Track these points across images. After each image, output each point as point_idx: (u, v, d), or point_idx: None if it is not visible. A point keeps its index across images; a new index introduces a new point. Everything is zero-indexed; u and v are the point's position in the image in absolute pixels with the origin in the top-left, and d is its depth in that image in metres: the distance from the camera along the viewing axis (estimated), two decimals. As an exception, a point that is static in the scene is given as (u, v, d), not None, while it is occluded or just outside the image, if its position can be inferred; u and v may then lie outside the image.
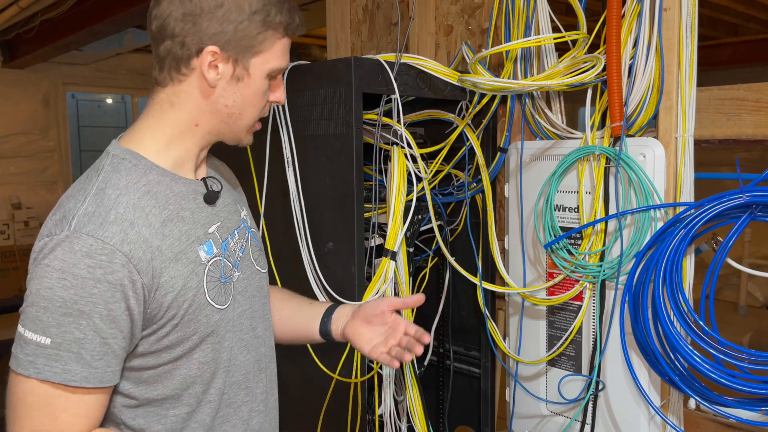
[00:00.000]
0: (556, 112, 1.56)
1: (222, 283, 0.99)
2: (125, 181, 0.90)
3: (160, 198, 0.92)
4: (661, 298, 1.27)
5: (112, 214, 0.86)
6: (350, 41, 2.09)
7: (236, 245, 1.05)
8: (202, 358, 0.97)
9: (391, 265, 1.44)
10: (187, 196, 0.97)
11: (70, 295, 0.82)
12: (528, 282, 1.59)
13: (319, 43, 5.58)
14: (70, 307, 0.82)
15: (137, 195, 0.90)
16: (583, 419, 1.48)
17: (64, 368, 0.82)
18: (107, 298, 0.83)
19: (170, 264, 0.90)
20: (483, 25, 1.71)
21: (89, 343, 0.83)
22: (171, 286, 0.89)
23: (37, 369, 0.82)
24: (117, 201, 0.88)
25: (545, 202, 1.49)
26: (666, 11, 1.31)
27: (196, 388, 0.97)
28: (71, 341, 0.82)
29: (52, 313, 0.82)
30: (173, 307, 0.90)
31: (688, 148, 1.32)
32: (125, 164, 0.92)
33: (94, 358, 0.84)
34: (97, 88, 6.71)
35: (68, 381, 0.83)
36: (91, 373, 0.84)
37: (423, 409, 1.57)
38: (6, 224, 5.75)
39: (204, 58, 0.91)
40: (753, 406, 1.20)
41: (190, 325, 0.93)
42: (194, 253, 0.94)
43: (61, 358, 0.82)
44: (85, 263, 0.82)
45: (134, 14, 3.86)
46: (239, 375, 1.04)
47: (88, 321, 0.83)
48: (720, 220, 1.23)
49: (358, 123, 1.37)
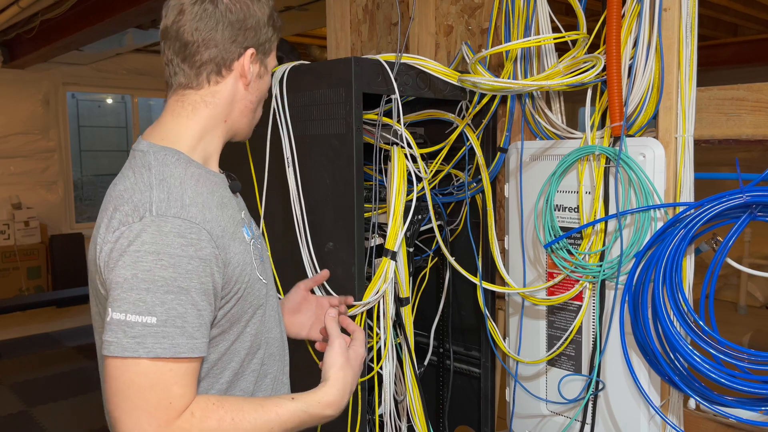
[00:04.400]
0: (556, 112, 1.56)
1: (261, 261, 1.12)
2: (178, 172, 0.99)
3: (208, 186, 1.03)
4: (661, 298, 1.27)
5: (186, 198, 0.95)
6: (350, 41, 2.09)
7: (256, 230, 1.19)
8: (253, 330, 1.08)
9: (391, 264, 1.44)
10: (221, 185, 1.08)
11: (170, 273, 0.89)
12: (528, 282, 1.60)
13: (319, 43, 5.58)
14: (171, 284, 0.89)
15: (193, 183, 0.99)
16: (583, 419, 1.48)
17: (172, 343, 0.88)
18: (200, 272, 0.91)
19: (232, 242, 1.00)
20: (483, 25, 1.71)
21: (190, 316, 0.90)
22: (237, 262, 1.00)
23: (146, 348, 0.87)
24: (182, 188, 0.96)
25: (545, 202, 1.49)
26: (666, 11, 1.31)
27: (245, 357, 1.08)
28: (175, 317, 0.89)
29: (155, 293, 0.88)
30: (239, 281, 1.01)
31: (687, 148, 1.32)
32: (170, 158, 1.00)
33: (195, 330, 0.91)
34: (97, 88, 6.72)
35: (178, 354, 0.88)
36: (194, 344, 0.91)
37: (423, 409, 1.57)
38: (6, 224, 5.76)
39: (245, 60, 1.06)
40: (753, 406, 1.20)
41: (248, 299, 1.04)
42: (241, 234, 1.06)
43: (168, 334, 0.88)
44: (178, 242, 0.90)
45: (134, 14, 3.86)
46: (274, 347, 1.16)
47: (187, 296, 0.90)
48: (720, 220, 1.23)
49: (358, 123, 1.37)
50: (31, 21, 4.52)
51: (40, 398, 3.86)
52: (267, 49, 1.10)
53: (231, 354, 1.05)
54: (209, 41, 1.03)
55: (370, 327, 1.48)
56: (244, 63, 1.06)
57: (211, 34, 1.03)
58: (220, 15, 1.03)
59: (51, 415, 3.62)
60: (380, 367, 1.49)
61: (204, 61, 1.04)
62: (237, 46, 1.05)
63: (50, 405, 3.76)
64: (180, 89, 1.06)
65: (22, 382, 4.16)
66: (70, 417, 3.60)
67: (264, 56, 1.10)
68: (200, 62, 1.04)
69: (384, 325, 1.47)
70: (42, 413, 3.64)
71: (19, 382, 4.15)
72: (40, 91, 6.03)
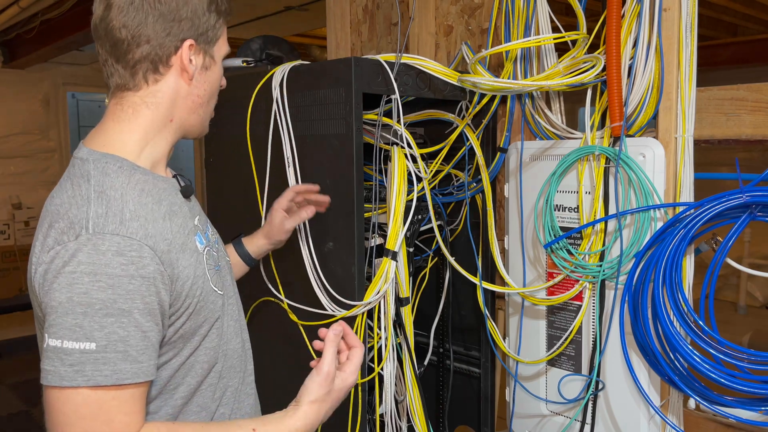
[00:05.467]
0: (556, 112, 1.56)
1: (216, 270, 1.05)
2: (119, 182, 0.91)
3: (154, 195, 0.95)
4: (660, 298, 1.27)
5: (126, 212, 0.88)
6: (350, 41, 2.09)
7: (213, 235, 1.12)
8: (209, 344, 1.02)
9: (392, 265, 1.44)
10: (170, 191, 1.01)
11: (108, 295, 0.82)
12: (528, 282, 1.60)
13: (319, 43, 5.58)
14: (110, 306, 0.82)
15: (136, 193, 0.92)
16: (583, 419, 1.48)
17: (113, 369, 0.82)
18: (143, 292, 0.85)
19: (180, 255, 0.93)
20: (483, 25, 1.71)
21: (133, 339, 0.84)
22: (186, 276, 0.93)
23: (86, 377, 0.81)
24: (123, 201, 0.89)
25: (545, 202, 1.49)
26: (666, 11, 1.31)
27: (201, 371, 1.01)
28: (117, 341, 0.83)
29: (92, 317, 0.82)
30: (190, 296, 0.94)
31: (687, 148, 1.32)
32: (111, 167, 0.93)
33: (140, 353, 0.85)
34: (97, 88, 6.71)
35: (120, 381, 0.83)
36: (139, 368, 0.85)
37: (423, 409, 1.57)
38: (6, 224, 5.75)
39: (184, 53, 0.97)
40: (753, 406, 1.20)
41: (201, 312, 0.98)
42: (193, 243, 0.99)
43: (109, 360, 0.82)
44: (117, 261, 0.83)
45: (134, 14, 3.85)
46: (233, 359, 1.10)
47: (129, 318, 0.84)
48: (720, 220, 1.23)
49: (358, 123, 1.37)
50: (31, 21, 4.51)
51: (40, 398, 3.84)
52: (211, 38, 1.00)
53: (185, 370, 0.98)
54: (140, 37, 0.94)
55: (371, 327, 1.48)
56: (183, 56, 0.97)
57: (141, 29, 0.93)
58: (149, 7, 0.93)
59: (51, 415, 3.62)
60: (381, 368, 1.49)
61: (137, 60, 0.95)
62: (172, 39, 0.96)
63: (50, 405, 3.76)
64: (118, 91, 0.98)
65: (22, 382, 4.16)
66: (70, 417, 3.60)
67: (208, 45, 1.01)
68: (134, 61, 0.95)
69: (384, 325, 1.47)
70: (42, 413, 3.64)
71: (19, 382, 4.15)
72: (40, 91, 6.02)
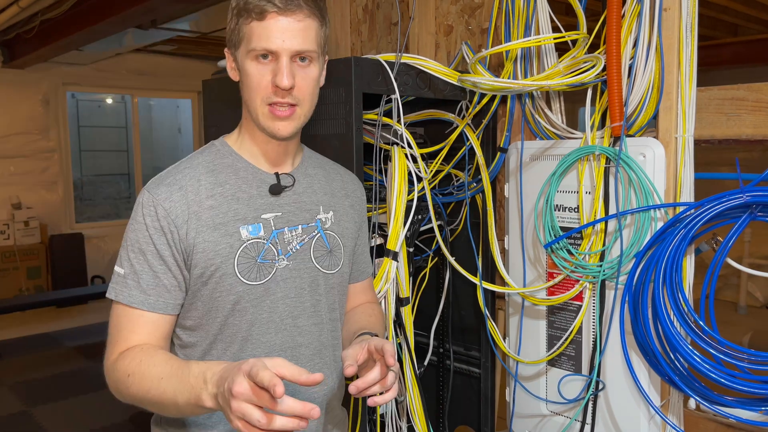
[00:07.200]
0: (556, 112, 1.56)
1: (258, 262, 1.10)
2: (200, 160, 1.13)
3: (221, 177, 1.11)
4: (661, 298, 1.27)
5: (170, 178, 1.09)
6: (350, 41, 2.09)
7: (294, 238, 1.15)
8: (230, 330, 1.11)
9: (392, 265, 1.44)
10: (250, 182, 1.13)
11: (135, 236, 1.07)
12: (528, 282, 1.60)
13: (319, 43, 5.56)
14: (134, 245, 1.06)
15: (201, 171, 1.11)
16: (583, 419, 1.48)
17: (129, 293, 1.06)
18: (156, 239, 1.05)
19: (207, 230, 1.07)
20: (483, 25, 1.71)
21: (145, 275, 1.06)
22: (205, 249, 1.06)
23: (115, 293, 1.07)
24: (183, 172, 1.10)
25: (545, 202, 1.49)
26: (666, 11, 1.31)
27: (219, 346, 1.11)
28: (134, 273, 1.06)
29: (125, 250, 1.07)
30: (205, 267, 1.07)
31: (688, 148, 1.32)
32: (212, 149, 1.16)
33: (150, 288, 1.06)
34: (97, 88, 6.71)
35: (131, 303, 1.05)
36: (146, 300, 1.05)
37: (423, 409, 1.57)
38: (6, 224, 5.75)
39: (227, 60, 1.14)
40: (753, 406, 1.20)
41: (218, 289, 1.08)
42: (235, 228, 1.09)
43: (128, 285, 1.06)
44: (142, 211, 1.06)
45: (134, 14, 3.86)
46: (261, 352, 1.12)
47: (144, 257, 1.06)
48: (720, 220, 1.23)
49: (358, 123, 1.37)
50: (31, 21, 4.52)
51: (40, 398, 3.86)
52: (235, 42, 1.09)
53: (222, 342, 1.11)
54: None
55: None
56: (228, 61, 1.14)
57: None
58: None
59: (51, 415, 3.62)
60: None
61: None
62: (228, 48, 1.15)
63: (50, 405, 3.76)
64: None
65: (22, 382, 4.16)
66: (70, 417, 3.59)
67: (233, 49, 1.11)
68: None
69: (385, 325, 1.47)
70: (42, 413, 3.64)
71: (19, 382, 4.15)
72: (40, 91, 6.02)
